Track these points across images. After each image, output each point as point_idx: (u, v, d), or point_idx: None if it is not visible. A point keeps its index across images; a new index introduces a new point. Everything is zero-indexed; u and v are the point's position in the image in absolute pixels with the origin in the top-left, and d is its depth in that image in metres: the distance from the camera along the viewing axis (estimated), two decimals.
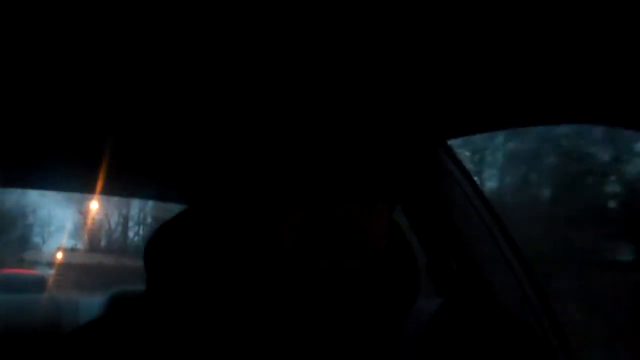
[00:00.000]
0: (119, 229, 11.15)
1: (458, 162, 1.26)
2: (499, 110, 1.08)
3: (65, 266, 9.77)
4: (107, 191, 2.02)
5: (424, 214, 1.27)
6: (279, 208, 0.63)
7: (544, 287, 1.16)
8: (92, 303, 1.87)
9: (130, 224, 11.18)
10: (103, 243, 11.03)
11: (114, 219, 11.07)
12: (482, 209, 1.22)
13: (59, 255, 9.99)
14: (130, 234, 10.92)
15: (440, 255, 1.24)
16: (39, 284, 8.30)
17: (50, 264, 10.16)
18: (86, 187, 1.83)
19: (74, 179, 1.74)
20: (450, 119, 1.14)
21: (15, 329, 1.76)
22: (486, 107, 1.07)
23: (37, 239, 11.18)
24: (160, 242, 0.71)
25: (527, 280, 1.16)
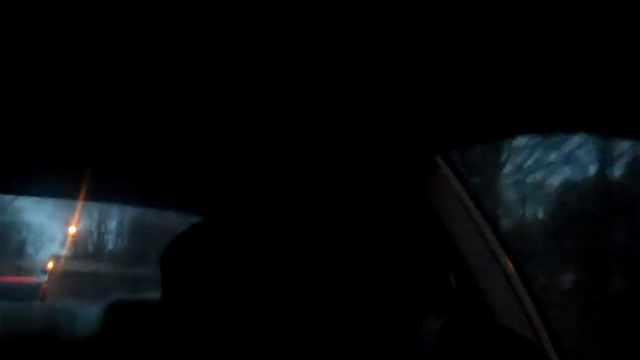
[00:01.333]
0: (101, 240, 12.07)
1: (459, 173, 1.26)
2: (500, 120, 1.08)
3: (56, 271, 10.14)
4: (102, 197, 2.01)
5: (422, 226, 1.27)
6: (302, 220, 0.64)
7: (542, 301, 1.16)
8: (90, 312, 1.85)
9: (110, 236, 12.09)
10: (90, 251, 11.94)
11: (97, 232, 11.99)
12: (482, 221, 1.22)
13: (50, 264, 10.45)
14: (110, 245, 11.86)
15: (438, 269, 1.24)
16: (35, 290, 8.34)
17: (43, 270, 10.52)
18: (77, 194, 1.83)
19: (66, 184, 1.73)
20: (451, 129, 1.14)
21: (13, 338, 1.74)
22: (487, 117, 1.07)
23: (30, 250, 11.86)
24: (178, 252, 0.72)
25: (526, 294, 1.16)
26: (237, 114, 1.09)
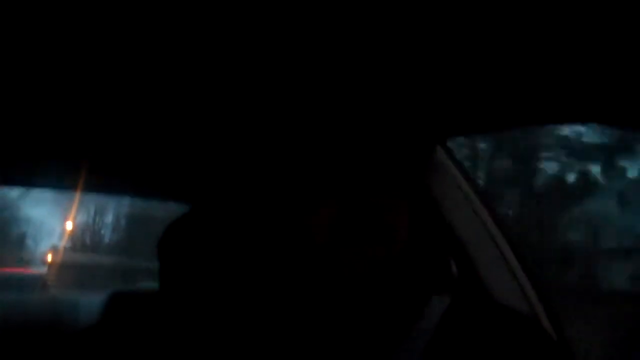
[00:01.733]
0: (98, 233, 12.55)
1: (457, 162, 1.26)
2: (499, 111, 1.08)
3: (54, 262, 10.40)
4: (99, 189, 2.01)
5: (422, 215, 1.27)
6: (305, 205, 0.65)
7: (544, 287, 1.16)
8: (92, 302, 1.86)
9: (105, 230, 12.54)
10: (87, 243, 12.34)
11: (94, 225, 12.42)
12: (482, 209, 1.22)
13: (49, 256, 10.72)
14: (107, 239, 12.37)
15: (439, 255, 1.24)
16: (36, 281, 8.39)
17: (42, 262, 10.78)
18: (75, 185, 1.83)
19: (64, 177, 1.73)
20: (450, 118, 1.14)
21: (16, 328, 1.75)
22: (486, 107, 1.07)
23: (30, 242, 12.25)
24: (174, 238, 0.72)
25: (528, 280, 1.16)
26: (230, 105, 1.09)
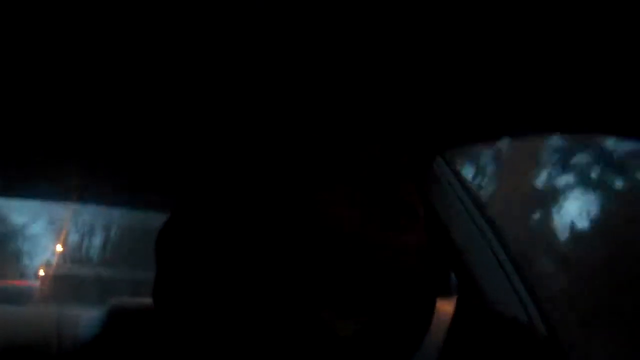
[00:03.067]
0: (88, 250, 13.05)
1: (457, 173, 1.26)
2: (499, 121, 1.08)
3: (48, 274, 10.62)
4: (100, 200, 2.00)
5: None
6: (319, 192, 0.63)
7: (543, 301, 1.16)
8: (91, 316, 1.84)
9: (94, 249, 13.04)
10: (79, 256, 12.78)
11: (83, 243, 12.91)
12: (481, 220, 1.22)
13: (41, 270, 10.96)
14: (95, 256, 12.96)
15: (439, 263, 1.24)
16: (31, 293, 8.39)
17: (36, 274, 11.01)
18: (70, 196, 1.82)
19: (56, 188, 1.72)
20: (450, 129, 1.14)
21: (13, 343, 1.73)
22: (486, 117, 1.07)
23: (26, 258, 12.63)
24: (172, 232, 0.70)
25: (524, 288, 1.16)
26: (233, 108, 1.08)
